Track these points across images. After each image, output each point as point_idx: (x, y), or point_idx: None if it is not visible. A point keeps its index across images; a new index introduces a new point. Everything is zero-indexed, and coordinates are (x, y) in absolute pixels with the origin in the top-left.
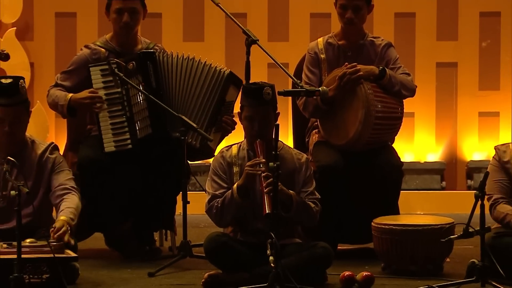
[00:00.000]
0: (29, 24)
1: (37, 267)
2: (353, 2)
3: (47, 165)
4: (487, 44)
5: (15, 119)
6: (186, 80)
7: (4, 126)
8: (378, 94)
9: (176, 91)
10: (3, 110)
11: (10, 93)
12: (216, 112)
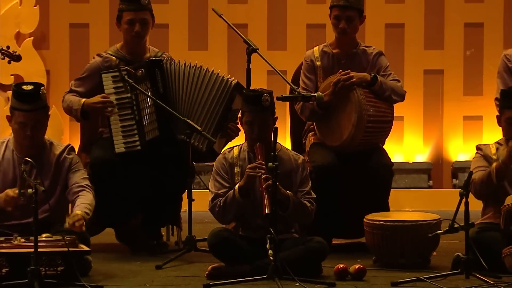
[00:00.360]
0: (45, 34)
1: (53, 260)
2: (346, 13)
3: (65, 165)
4: (471, 53)
5: (36, 123)
6: (193, 87)
7: (26, 130)
8: (370, 99)
9: (182, 97)
10: (25, 115)
11: (32, 100)
12: (222, 119)
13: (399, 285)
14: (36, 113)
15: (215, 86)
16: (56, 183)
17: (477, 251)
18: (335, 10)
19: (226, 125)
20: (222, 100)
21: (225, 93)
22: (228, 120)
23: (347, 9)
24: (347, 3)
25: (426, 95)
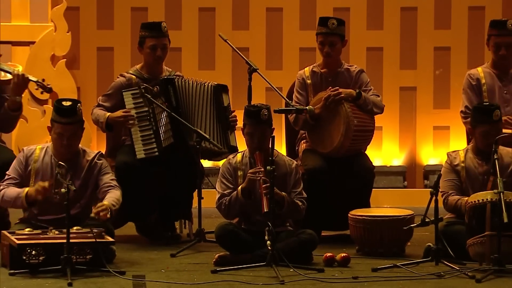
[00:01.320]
0: (76, 56)
1: (82, 249)
2: (329, 39)
3: (96, 169)
4: (440, 72)
5: (72, 135)
6: (195, 99)
7: (63, 140)
8: (355, 112)
9: (191, 108)
10: (63, 127)
11: (69, 114)
12: (224, 119)
13: (379, 270)
14: (72, 126)
15: (204, 95)
16: (87, 184)
17: (445, 242)
18: (320, 37)
19: (229, 121)
20: (213, 104)
21: (211, 98)
22: (228, 117)
23: (330, 35)
24: (329, 31)
25: (401, 108)
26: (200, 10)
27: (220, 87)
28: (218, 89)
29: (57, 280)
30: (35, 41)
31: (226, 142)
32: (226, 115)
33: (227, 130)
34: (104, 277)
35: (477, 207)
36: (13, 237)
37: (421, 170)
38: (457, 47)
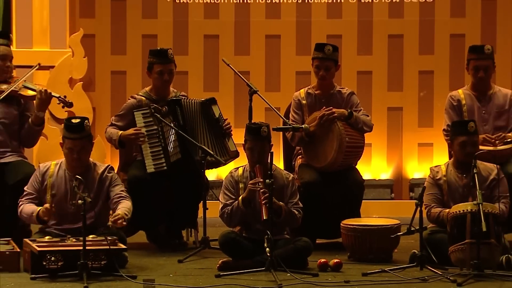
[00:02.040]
0: (92, 79)
1: (97, 255)
2: (325, 63)
3: (106, 181)
4: (424, 94)
5: (81, 149)
6: (196, 117)
7: (73, 154)
8: (347, 130)
9: (195, 126)
10: (72, 142)
11: (78, 130)
12: (219, 129)
13: (368, 275)
14: (81, 141)
15: (197, 112)
16: (99, 196)
17: (429, 249)
18: (316, 61)
19: (224, 130)
20: (206, 118)
21: (203, 113)
22: (222, 126)
23: (325, 60)
24: (325, 56)
25: (389, 127)
26: (205, 37)
27: (208, 102)
28: (206, 104)
29: (74, 284)
30: (55, 66)
31: (226, 150)
32: (220, 125)
33: (223, 138)
34: (117, 281)
35: (458, 217)
36: (34, 245)
37: (407, 183)
38: (439, 71)
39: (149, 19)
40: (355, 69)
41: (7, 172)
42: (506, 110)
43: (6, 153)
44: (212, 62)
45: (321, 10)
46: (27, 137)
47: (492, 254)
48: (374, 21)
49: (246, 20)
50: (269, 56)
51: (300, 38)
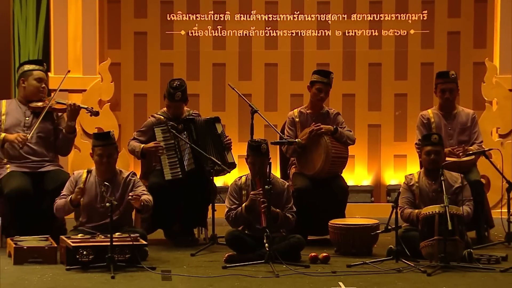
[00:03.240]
0: (118, 101)
1: (122, 250)
2: (326, 88)
3: (130, 184)
4: (399, 113)
5: (109, 155)
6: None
7: (103, 159)
8: (333, 143)
9: (207, 141)
10: (102, 148)
11: (105, 138)
12: (221, 143)
13: (352, 266)
14: (109, 148)
15: (204, 128)
16: (123, 197)
17: (403, 245)
18: (318, 84)
19: (225, 143)
20: (211, 134)
21: (208, 129)
22: (223, 140)
23: (327, 85)
24: (328, 82)
25: (369, 141)
26: (214, 65)
27: (212, 120)
28: (210, 122)
29: (102, 274)
30: (86, 89)
31: (224, 160)
32: (221, 140)
33: (223, 151)
34: (139, 272)
35: (428, 217)
36: (69, 241)
37: (385, 188)
38: (412, 94)
39: (166, 50)
40: (340, 92)
41: (46, 179)
42: (468, 127)
43: (45, 163)
44: (219, 86)
45: (312, 42)
46: (62, 146)
47: (456, 249)
48: (357, 52)
49: (248, 50)
50: (268, 81)
51: (294, 66)
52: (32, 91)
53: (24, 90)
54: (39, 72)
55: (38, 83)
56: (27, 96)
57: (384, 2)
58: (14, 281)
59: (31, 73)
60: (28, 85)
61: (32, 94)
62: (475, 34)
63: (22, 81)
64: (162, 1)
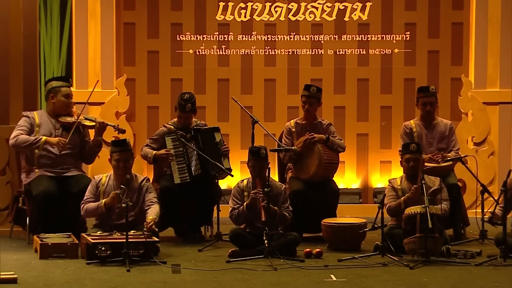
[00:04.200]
0: (133, 113)
1: (137, 246)
2: (309, 100)
3: (144, 188)
4: (384, 124)
5: (125, 160)
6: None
7: (120, 163)
8: (325, 150)
9: (211, 148)
10: (119, 154)
11: (122, 145)
12: (219, 150)
13: (342, 261)
14: (125, 153)
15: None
16: (138, 199)
17: (389, 241)
18: (303, 97)
19: (222, 150)
20: (210, 142)
21: (208, 137)
22: (220, 148)
23: (310, 98)
24: (310, 94)
25: (358, 148)
26: (219, 80)
27: (211, 129)
28: (210, 131)
29: (119, 268)
30: (105, 102)
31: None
32: (219, 148)
33: (220, 157)
34: (151, 265)
35: (410, 217)
36: (89, 238)
37: (371, 191)
38: (396, 107)
39: (176, 67)
40: (332, 105)
41: (70, 183)
42: (446, 136)
43: (70, 168)
44: (224, 99)
45: (306, 60)
46: (88, 156)
47: (436, 245)
48: (347, 69)
49: (249, 67)
50: (267, 95)
51: (290, 81)
52: (61, 106)
53: (54, 105)
54: (67, 89)
55: (66, 99)
56: (56, 111)
57: (371, 24)
58: (39, 273)
59: (60, 89)
60: (57, 101)
61: (61, 109)
62: (452, 53)
63: (52, 97)
64: (173, 23)
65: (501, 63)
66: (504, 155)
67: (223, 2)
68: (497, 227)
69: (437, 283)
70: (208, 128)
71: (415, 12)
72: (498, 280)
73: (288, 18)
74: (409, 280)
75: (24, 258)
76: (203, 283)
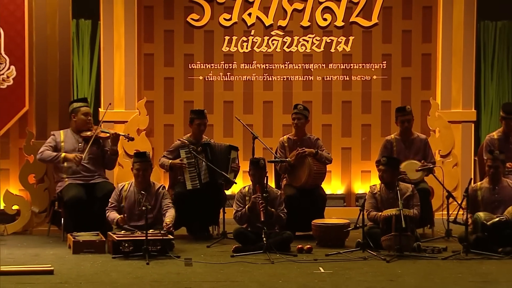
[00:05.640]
0: (152, 130)
1: (155, 243)
2: (297, 116)
3: (160, 194)
4: (365, 139)
5: (145, 169)
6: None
7: (140, 172)
8: (315, 162)
9: (219, 159)
10: (139, 164)
11: (142, 156)
12: (229, 164)
13: (329, 255)
14: (145, 164)
15: (223, 150)
16: (155, 204)
17: (368, 239)
18: (293, 114)
19: (232, 167)
20: (225, 155)
21: (225, 152)
22: (231, 164)
23: (298, 114)
24: (298, 111)
25: (342, 160)
26: (224, 102)
27: (231, 147)
28: (229, 148)
29: (140, 261)
30: (128, 121)
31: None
32: (229, 163)
33: (227, 171)
34: (167, 259)
35: (387, 218)
36: (114, 236)
37: (354, 196)
38: (374, 125)
39: (188, 91)
40: (320, 123)
41: (96, 189)
42: (422, 149)
43: (95, 176)
44: (229, 118)
45: (298, 85)
46: (108, 163)
47: (408, 242)
48: (333, 92)
49: (250, 91)
50: (265, 115)
51: (285, 103)
52: (81, 123)
53: (75, 123)
54: (85, 108)
55: (85, 117)
56: (78, 127)
57: (353, 54)
58: (72, 266)
59: (79, 109)
60: (78, 119)
61: (81, 125)
62: (422, 79)
63: (73, 116)
64: (185, 54)
65: (463, 88)
66: (466, 166)
67: (228, 36)
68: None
69: (410, 274)
70: (228, 145)
71: (390, 44)
72: (461, 272)
73: (283, 49)
74: (385, 272)
75: (59, 253)
76: (211, 274)
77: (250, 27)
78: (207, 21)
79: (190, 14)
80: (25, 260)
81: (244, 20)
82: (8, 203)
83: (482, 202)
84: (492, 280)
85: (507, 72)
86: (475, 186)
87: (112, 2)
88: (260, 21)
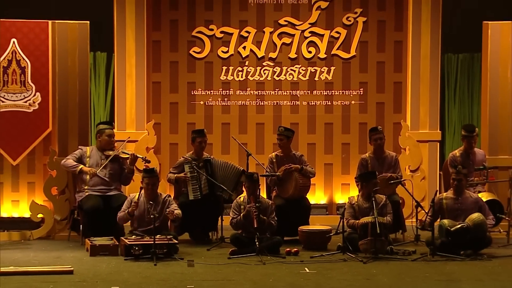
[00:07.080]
0: (159, 148)
1: (161, 247)
2: (280, 137)
3: (166, 202)
4: (345, 156)
5: (153, 183)
6: (224, 171)
7: (149, 185)
8: (300, 177)
9: (219, 175)
10: (148, 179)
11: (151, 172)
12: (237, 185)
13: (314, 257)
14: (153, 178)
15: (233, 171)
16: (162, 211)
17: (348, 243)
18: (277, 135)
19: (239, 188)
20: (235, 177)
21: (236, 174)
22: (240, 185)
23: (280, 135)
24: (279, 133)
25: (325, 174)
26: (222, 124)
27: (242, 171)
28: (242, 172)
29: (148, 263)
30: (138, 140)
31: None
32: (238, 185)
33: (231, 189)
34: (172, 261)
35: (364, 225)
36: (126, 240)
37: (335, 206)
38: (353, 143)
39: (191, 114)
40: (306, 142)
41: (112, 200)
42: (392, 165)
43: (112, 189)
44: (226, 138)
45: (287, 109)
46: (125, 180)
47: (382, 246)
48: (317, 115)
49: (244, 114)
50: (257, 135)
51: (275, 125)
52: (105, 143)
53: (100, 142)
54: (109, 130)
55: (109, 138)
56: (102, 146)
57: (335, 82)
58: (89, 267)
59: (104, 131)
60: (102, 139)
61: (105, 145)
62: (394, 104)
63: (98, 136)
64: (188, 82)
65: (430, 111)
66: (432, 179)
67: (225, 66)
68: (427, 231)
69: (384, 274)
70: (239, 168)
71: (367, 73)
72: (428, 272)
73: (273, 78)
74: (363, 272)
75: (78, 255)
76: (210, 274)
77: (245, 59)
78: (207, 53)
79: (193, 47)
80: (48, 261)
81: (240, 52)
82: (34, 212)
83: (447, 210)
84: (455, 279)
85: (467, 98)
86: (441, 196)
87: (124, 37)
88: (253, 53)
